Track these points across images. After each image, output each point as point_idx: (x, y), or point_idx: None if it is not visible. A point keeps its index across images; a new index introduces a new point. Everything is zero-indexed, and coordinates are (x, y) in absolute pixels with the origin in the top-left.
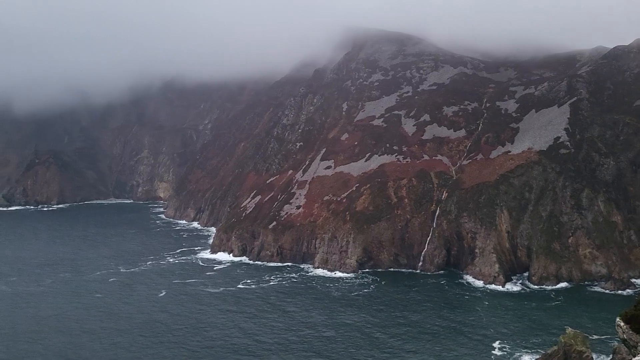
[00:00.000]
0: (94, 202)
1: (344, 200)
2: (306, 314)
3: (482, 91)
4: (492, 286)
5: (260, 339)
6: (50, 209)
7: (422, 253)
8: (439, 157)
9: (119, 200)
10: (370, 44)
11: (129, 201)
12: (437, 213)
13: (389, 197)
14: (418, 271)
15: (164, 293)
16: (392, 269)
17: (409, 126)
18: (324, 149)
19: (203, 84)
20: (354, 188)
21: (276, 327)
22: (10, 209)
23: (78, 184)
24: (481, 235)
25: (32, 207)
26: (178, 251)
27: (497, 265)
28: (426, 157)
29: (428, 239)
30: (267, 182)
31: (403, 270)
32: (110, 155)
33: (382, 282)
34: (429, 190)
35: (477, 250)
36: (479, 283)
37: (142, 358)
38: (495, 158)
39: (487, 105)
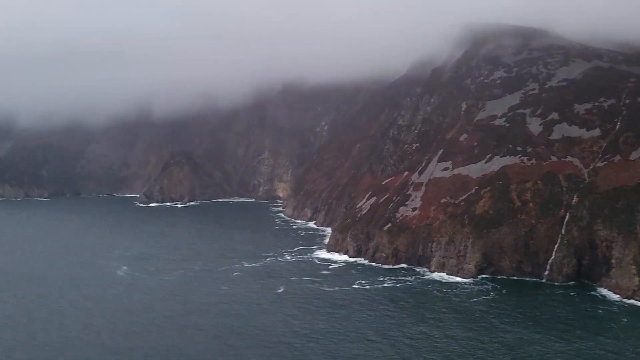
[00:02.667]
0: (220, 200)
1: (462, 203)
2: (420, 318)
3: (621, 86)
4: (631, 301)
5: (370, 338)
6: (183, 205)
7: (549, 261)
8: (569, 158)
9: (242, 199)
10: (492, 39)
11: (251, 200)
12: (566, 219)
13: (511, 200)
14: (544, 280)
15: (282, 289)
16: (514, 277)
17: (534, 125)
18: (441, 150)
19: (320, 87)
20: (473, 191)
21: (388, 327)
22: (149, 205)
23: (206, 183)
24: (618, 244)
25: (167, 203)
26: (295, 249)
27: (637, 278)
28: (554, 158)
29: (556, 246)
30: (383, 183)
31: (527, 278)
32: (235, 156)
33: (503, 291)
34: (557, 194)
35: (613, 261)
36: (615, 297)
37: (269, 347)
38: (635, 160)
39: (627, 101)
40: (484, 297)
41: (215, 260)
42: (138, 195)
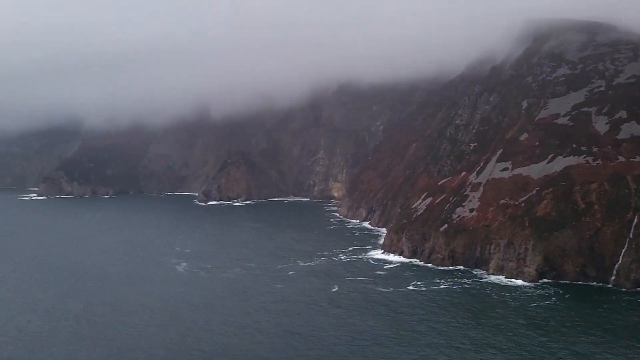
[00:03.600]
0: (276, 199)
1: (522, 205)
2: (482, 322)
3: None
4: None
5: (433, 341)
6: (239, 204)
7: (616, 266)
8: (638, 158)
9: (297, 199)
10: (555, 35)
11: (306, 199)
12: (634, 222)
13: (575, 202)
14: (610, 286)
15: (336, 288)
16: (578, 282)
17: (600, 124)
18: (501, 150)
19: (375, 86)
20: (534, 192)
21: (450, 331)
22: (208, 203)
23: (262, 183)
24: None
25: (224, 202)
26: (350, 249)
27: None
28: (622, 158)
29: (623, 250)
30: (439, 183)
31: (592, 283)
32: (290, 156)
33: (566, 295)
34: (625, 196)
35: None
36: None
37: (328, 348)
38: None
39: None
40: (546, 302)
41: (271, 258)
42: (197, 194)
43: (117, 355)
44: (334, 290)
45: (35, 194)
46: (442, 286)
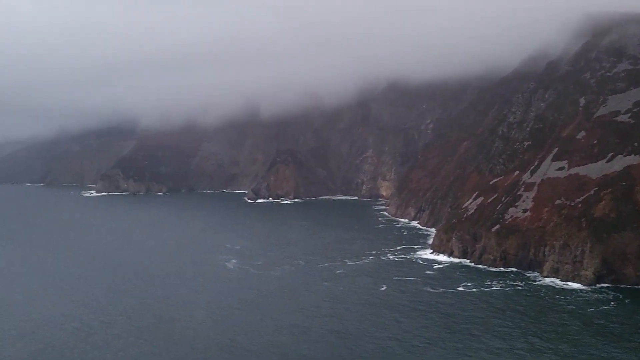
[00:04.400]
0: (324, 197)
1: (579, 205)
2: (541, 327)
3: None
4: None
5: (495, 346)
6: (288, 202)
7: None
8: None
9: (345, 197)
10: (615, 29)
11: (354, 198)
12: None
13: (636, 203)
14: None
15: (384, 287)
16: (639, 286)
17: None
18: (556, 149)
19: (425, 84)
20: (592, 192)
21: (505, 334)
22: (257, 201)
23: (311, 181)
24: None
25: (273, 200)
26: (398, 248)
27: None
28: None
29: None
30: (491, 183)
31: None
32: (338, 155)
33: (626, 300)
34: None
35: None
36: None
37: (374, 348)
38: None
39: None
40: (604, 307)
41: (319, 257)
42: (246, 192)
43: (171, 350)
44: (382, 289)
45: (93, 191)
46: (493, 288)
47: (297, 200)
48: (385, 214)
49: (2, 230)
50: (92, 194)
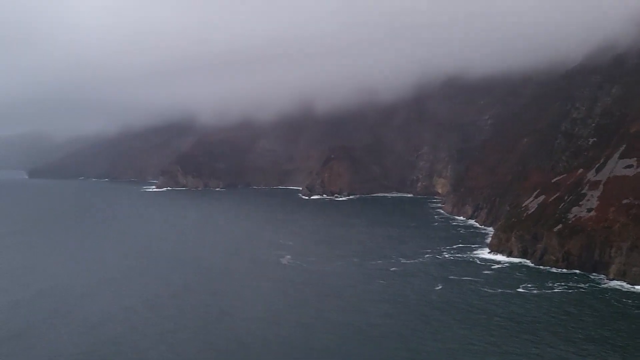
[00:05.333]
0: (378, 194)
1: None
2: (604, 331)
3: None
4: None
5: (561, 354)
6: (342, 199)
7: None
8: None
9: (400, 194)
10: None
11: (409, 195)
12: None
13: None
14: None
15: (440, 287)
16: None
17: None
18: (624, 145)
19: (484, 79)
20: None
21: (578, 341)
22: (311, 197)
23: (365, 178)
24: None
25: (327, 196)
26: (455, 247)
27: None
28: None
29: None
30: (553, 181)
31: None
32: (393, 151)
33: None
34: None
35: None
36: None
37: (435, 345)
38: None
39: None
40: None
41: (373, 254)
42: (301, 188)
43: (229, 346)
44: (438, 289)
45: (154, 186)
46: (555, 290)
47: (351, 196)
48: (441, 211)
49: (69, 225)
50: (153, 189)
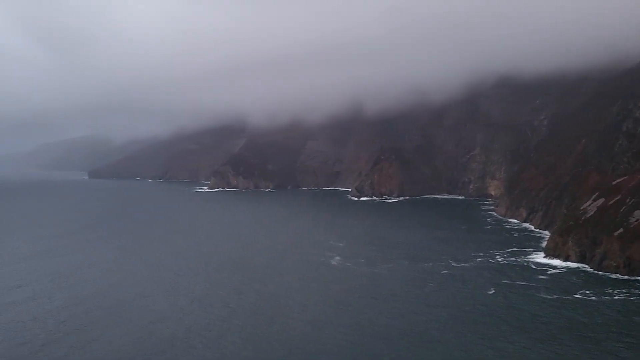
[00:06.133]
0: (429, 196)
1: None
2: None
3: None
4: None
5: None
6: (392, 200)
7: None
8: None
9: (451, 196)
10: None
11: (460, 197)
12: None
13: None
14: None
15: (493, 291)
16: None
17: None
18: None
19: (540, 77)
20: None
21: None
22: (360, 199)
23: (415, 179)
24: None
25: (376, 198)
26: (508, 251)
27: None
28: None
29: None
30: (613, 183)
31: None
32: (444, 153)
33: None
34: None
35: None
36: None
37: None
38: None
39: None
40: None
41: (423, 256)
42: (350, 189)
43: (282, 349)
44: (490, 292)
45: (206, 187)
46: (616, 297)
47: (401, 198)
48: (494, 214)
49: (126, 224)
50: (205, 190)
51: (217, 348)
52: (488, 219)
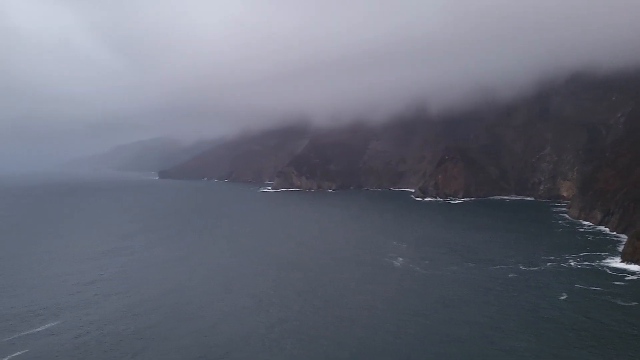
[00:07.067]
0: (496, 197)
1: None
2: None
3: None
4: None
5: None
6: (457, 202)
7: None
8: None
9: (519, 197)
10: None
11: (529, 199)
12: None
13: None
14: None
15: (565, 296)
16: None
17: None
18: None
19: (616, 73)
20: None
21: None
22: (424, 199)
23: (481, 180)
24: None
25: (440, 199)
26: (581, 255)
27: None
28: None
29: None
30: None
31: None
32: (512, 152)
33: None
34: None
35: None
36: None
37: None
38: None
39: None
40: None
41: (489, 259)
42: (413, 190)
43: (351, 353)
44: (562, 298)
45: (269, 187)
46: None
47: (466, 199)
48: (566, 216)
49: (194, 224)
50: (269, 190)
51: (278, 349)
52: (559, 221)
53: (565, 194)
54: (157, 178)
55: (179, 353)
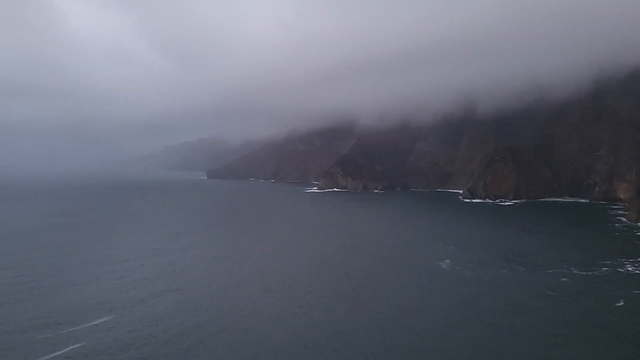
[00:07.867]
0: (548, 199)
1: None
2: None
3: None
4: None
5: None
6: (507, 203)
7: None
8: None
9: (573, 199)
10: None
11: (584, 201)
12: None
13: None
14: None
15: (622, 303)
16: None
17: None
18: None
19: None
20: None
21: None
22: (472, 201)
23: (532, 181)
24: None
25: (490, 200)
26: (639, 260)
27: None
28: None
29: None
30: None
31: None
32: (565, 153)
33: None
34: None
35: None
36: None
37: None
38: None
39: None
40: None
41: (539, 263)
42: (461, 191)
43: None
44: (618, 304)
45: (315, 187)
46: None
47: (517, 201)
48: (624, 219)
49: (243, 223)
50: (315, 191)
51: (325, 356)
52: (616, 225)
53: (622, 196)
54: (205, 178)
55: (232, 348)
